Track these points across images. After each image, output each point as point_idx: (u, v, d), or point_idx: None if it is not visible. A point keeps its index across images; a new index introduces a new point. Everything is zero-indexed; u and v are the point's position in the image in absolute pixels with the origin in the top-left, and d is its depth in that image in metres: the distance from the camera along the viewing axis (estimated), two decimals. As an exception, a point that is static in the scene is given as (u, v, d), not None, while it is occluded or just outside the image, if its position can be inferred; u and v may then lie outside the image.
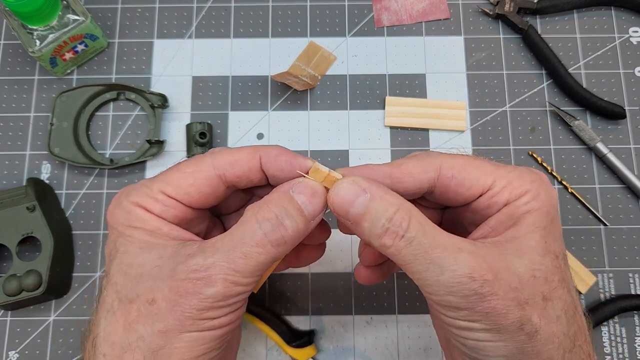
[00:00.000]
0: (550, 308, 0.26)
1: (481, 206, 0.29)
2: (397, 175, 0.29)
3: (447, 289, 0.25)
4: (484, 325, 0.25)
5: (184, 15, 0.51)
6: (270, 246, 0.26)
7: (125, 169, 0.47)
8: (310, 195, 0.28)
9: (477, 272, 0.25)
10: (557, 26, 0.51)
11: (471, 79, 0.49)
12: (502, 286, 0.25)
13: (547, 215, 0.28)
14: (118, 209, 0.29)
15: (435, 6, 0.51)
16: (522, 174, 0.29)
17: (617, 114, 0.47)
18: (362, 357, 0.43)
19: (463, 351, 0.27)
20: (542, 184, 0.29)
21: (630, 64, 0.50)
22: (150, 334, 0.25)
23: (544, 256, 0.27)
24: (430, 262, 0.25)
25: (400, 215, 0.26)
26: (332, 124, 0.48)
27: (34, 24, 0.44)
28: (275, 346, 0.43)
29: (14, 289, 0.41)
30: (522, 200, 0.28)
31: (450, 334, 0.27)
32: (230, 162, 0.29)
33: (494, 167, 0.29)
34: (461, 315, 0.25)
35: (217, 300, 0.25)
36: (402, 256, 0.26)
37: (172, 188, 0.29)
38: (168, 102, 0.48)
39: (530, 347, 0.25)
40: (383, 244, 0.26)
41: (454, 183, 0.29)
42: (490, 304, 0.24)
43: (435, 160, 0.29)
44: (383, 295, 0.45)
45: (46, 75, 0.49)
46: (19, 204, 0.43)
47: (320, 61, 0.49)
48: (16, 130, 0.48)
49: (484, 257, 0.25)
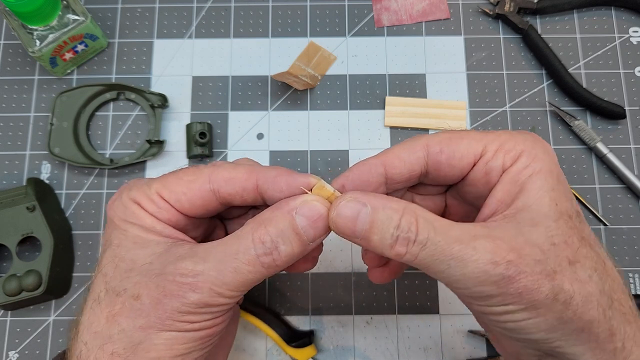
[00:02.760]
0: (579, 270, 0.25)
1: (479, 176, 0.28)
2: (388, 162, 0.29)
3: (475, 280, 0.24)
4: (520, 306, 0.24)
5: (184, 15, 0.51)
6: (261, 267, 0.26)
7: (125, 169, 0.47)
8: (313, 219, 0.27)
9: (499, 256, 0.24)
10: (557, 26, 0.51)
11: (471, 79, 0.49)
12: (527, 263, 0.24)
13: (551, 175, 0.27)
14: (117, 202, 0.29)
15: (435, 6, 0.51)
16: (513, 135, 0.28)
17: (617, 114, 0.47)
18: (362, 357, 0.43)
19: (505, 334, 0.27)
20: (536, 141, 0.28)
21: (630, 64, 0.50)
22: (132, 328, 0.25)
23: (557, 220, 0.26)
24: (451, 259, 0.24)
25: (407, 220, 0.25)
26: (332, 124, 0.48)
27: (34, 24, 0.44)
28: (275, 346, 0.43)
29: (14, 289, 0.41)
30: (521, 162, 0.27)
31: (489, 321, 0.27)
32: (226, 178, 0.29)
33: (482, 134, 0.29)
34: (495, 301, 0.25)
35: (199, 307, 0.26)
36: (420, 260, 0.25)
37: (168, 192, 0.29)
38: (168, 102, 0.48)
39: (570, 314, 0.24)
40: (397, 253, 0.26)
41: (444, 157, 0.28)
42: (521, 283, 0.24)
43: (421, 139, 0.29)
44: (383, 295, 0.45)
45: (46, 75, 0.49)
46: (19, 204, 0.43)
47: (320, 61, 0.49)
48: (16, 130, 0.48)
49: (501, 237, 0.25)
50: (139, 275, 0.26)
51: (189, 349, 0.26)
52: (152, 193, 0.28)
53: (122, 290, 0.26)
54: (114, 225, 0.29)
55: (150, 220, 0.28)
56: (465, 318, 0.44)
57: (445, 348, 0.43)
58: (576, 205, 0.28)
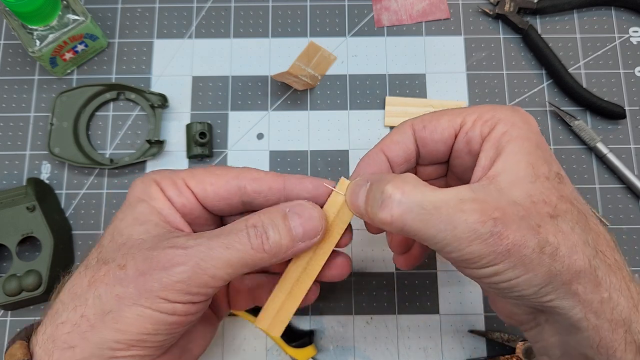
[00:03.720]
0: (561, 223, 0.26)
1: (461, 146, 0.30)
2: (385, 147, 0.31)
3: (465, 241, 0.25)
4: (509, 264, 0.25)
5: (184, 15, 0.51)
6: (250, 248, 0.27)
7: (125, 169, 0.47)
8: (304, 218, 0.28)
9: (486, 215, 0.25)
10: (557, 26, 0.51)
11: (471, 79, 0.49)
12: (512, 219, 0.25)
13: (528, 141, 0.28)
14: (140, 181, 0.31)
15: (435, 6, 0.51)
16: (493, 107, 0.30)
17: (617, 114, 0.47)
18: (362, 357, 0.43)
19: (499, 295, 0.28)
20: (515, 111, 0.29)
21: (630, 64, 0.50)
22: (108, 295, 0.26)
23: (534, 182, 0.27)
24: (440, 222, 0.25)
25: (394, 184, 0.26)
26: (332, 124, 0.48)
27: (34, 24, 0.44)
28: (275, 346, 0.43)
29: (14, 289, 0.41)
30: (499, 129, 0.28)
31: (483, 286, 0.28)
32: (255, 177, 0.30)
33: (462, 109, 0.31)
34: (486, 262, 0.25)
35: (182, 282, 0.26)
36: (410, 227, 0.26)
37: (195, 182, 0.30)
38: (168, 102, 0.48)
39: (557, 266, 0.25)
40: (383, 221, 0.27)
41: (427, 132, 0.31)
42: (509, 239, 0.25)
43: (408, 121, 0.32)
44: (383, 295, 0.45)
45: (46, 75, 0.49)
46: (19, 204, 0.43)
47: (320, 61, 0.49)
48: (16, 130, 0.48)
49: (485, 199, 0.26)
50: (130, 248, 0.27)
51: (155, 330, 0.26)
52: (177, 179, 0.30)
53: (110, 260, 0.27)
54: (127, 202, 0.30)
55: (161, 203, 0.29)
56: (465, 318, 0.44)
57: (445, 348, 0.43)
58: (557, 168, 0.29)
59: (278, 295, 0.31)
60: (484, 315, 0.44)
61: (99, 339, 0.26)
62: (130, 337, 0.26)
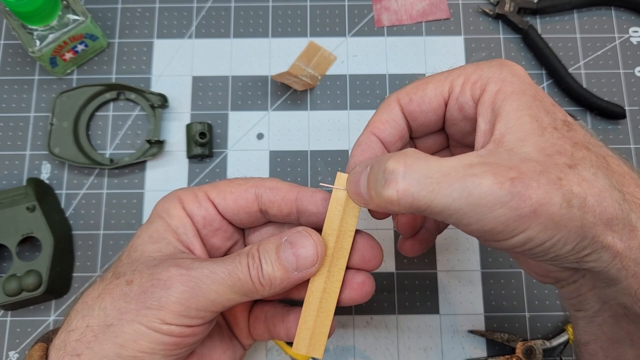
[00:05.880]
0: (582, 171, 0.24)
1: (455, 114, 0.28)
2: (374, 128, 0.30)
3: (484, 208, 0.23)
4: (538, 227, 0.23)
5: (184, 15, 0.51)
6: (249, 278, 0.27)
7: (125, 169, 0.47)
8: (297, 247, 0.28)
9: (501, 175, 0.23)
10: (557, 26, 0.51)
11: (471, 79, 0.49)
12: (531, 177, 0.23)
13: (524, 94, 0.26)
14: (165, 198, 0.31)
15: (435, 6, 0.51)
16: (479, 65, 0.28)
17: (617, 114, 0.47)
18: (362, 357, 0.43)
19: (541, 266, 0.27)
20: (503, 65, 0.27)
21: (630, 64, 0.50)
22: (112, 308, 0.27)
23: (543, 135, 0.25)
24: (451, 190, 0.23)
25: (395, 159, 0.24)
26: (332, 124, 0.48)
27: (34, 24, 0.44)
28: (275, 346, 0.43)
29: (14, 289, 0.41)
30: (491, 89, 0.26)
31: (518, 255, 0.26)
32: (271, 187, 0.31)
33: (447, 72, 0.28)
34: (512, 229, 0.23)
35: (179, 302, 0.26)
36: (419, 200, 0.23)
37: (215, 193, 0.31)
38: (168, 102, 0.48)
39: (589, 217, 0.23)
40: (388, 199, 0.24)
41: (415, 105, 0.29)
42: (532, 199, 0.22)
43: (392, 95, 0.30)
44: (383, 295, 0.45)
45: (46, 75, 0.49)
46: (19, 204, 0.43)
47: (320, 61, 0.49)
48: (16, 130, 0.48)
49: (495, 161, 0.24)
50: (140, 265, 0.28)
51: (151, 349, 0.26)
52: (199, 193, 0.31)
53: (122, 274, 0.28)
54: (149, 218, 0.31)
55: (177, 221, 0.30)
56: (465, 318, 0.44)
57: (445, 348, 0.43)
58: (562, 115, 0.27)
59: (307, 316, 0.30)
60: (484, 315, 0.44)
61: (102, 351, 0.26)
62: (129, 354, 0.26)
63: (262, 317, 0.34)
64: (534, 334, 0.44)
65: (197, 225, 0.31)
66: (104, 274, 0.30)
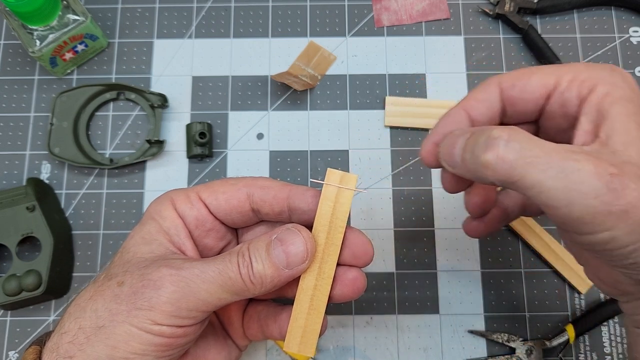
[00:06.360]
0: None
1: (555, 108, 0.28)
2: (467, 105, 0.30)
3: (578, 193, 0.22)
4: (626, 228, 0.23)
5: (184, 15, 0.51)
6: (240, 277, 0.27)
7: (125, 169, 0.47)
8: (287, 244, 0.28)
9: (602, 168, 0.22)
10: (557, 26, 0.51)
11: (471, 78, 0.49)
12: (630, 177, 0.23)
13: (632, 103, 0.26)
14: (158, 200, 0.31)
15: (435, 6, 0.51)
16: (589, 66, 0.28)
17: (617, 114, 0.47)
18: (362, 357, 0.43)
19: (610, 266, 0.26)
20: (614, 70, 0.27)
21: (630, 64, 0.50)
22: (103, 310, 0.27)
23: None
24: (550, 167, 0.23)
25: (501, 129, 0.25)
26: (332, 124, 0.48)
27: (34, 24, 0.44)
28: (275, 346, 0.43)
29: (13, 289, 0.41)
30: (599, 91, 0.26)
31: (594, 254, 0.25)
32: (262, 186, 0.31)
33: (555, 66, 0.29)
34: (598, 223, 0.23)
35: (170, 303, 0.26)
36: (514, 169, 0.23)
37: (208, 193, 0.31)
38: (168, 102, 0.48)
39: None
40: (486, 163, 0.24)
41: (517, 91, 0.29)
42: (627, 198, 0.22)
43: (494, 78, 0.30)
44: (383, 295, 0.45)
45: (46, 75, 0.49)
46: (19, 204, 0.43)
47: (320, 61, 0.49)
48: (16, 130, 0.48)
49: (598, 156, 0.24)
50: (132, 266, 0.28)
51: (143, 350, 0.26)
52: (191, 193, 0.31)
53: (114, 276, 0.28)
54: (143, 220, 0.31)
55: (169, 222, 0.30)
56: (465, 318, 0.44)
57: (445, 348, 0.43)
58: None
59: (298, 314, 0.30)
60: (484, 315, 0.44)
61: (94, 352, 0.26)
62: (121, 355, 0.26)
63: (255, 316, 0.34)
64: (534, 334, 0.44)
65: (189, 226, 0.31)
66: (97, 275, 0.29)
